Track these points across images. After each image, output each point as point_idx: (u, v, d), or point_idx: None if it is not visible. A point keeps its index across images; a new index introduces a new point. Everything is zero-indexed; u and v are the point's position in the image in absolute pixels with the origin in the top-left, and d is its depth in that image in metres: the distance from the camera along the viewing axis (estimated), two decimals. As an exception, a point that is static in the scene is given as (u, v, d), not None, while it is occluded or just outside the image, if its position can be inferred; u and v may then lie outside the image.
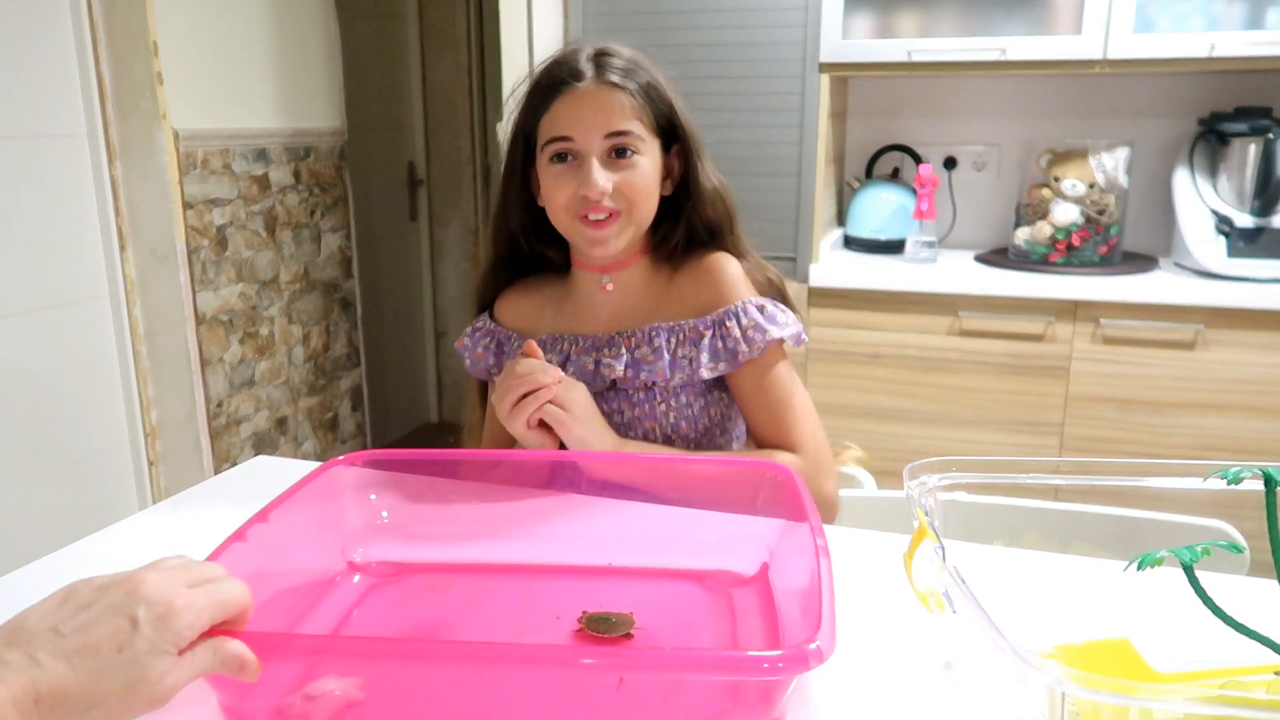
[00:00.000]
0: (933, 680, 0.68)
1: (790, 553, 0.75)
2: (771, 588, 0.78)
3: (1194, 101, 2.28)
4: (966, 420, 2.16)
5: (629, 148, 1.03)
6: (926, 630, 0.74)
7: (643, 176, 1.04)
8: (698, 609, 0.78)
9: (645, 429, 1.10)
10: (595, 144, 1.03)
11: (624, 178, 1.03)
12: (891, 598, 0.80)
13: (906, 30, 2.15)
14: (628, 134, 1.03)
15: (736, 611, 0.77)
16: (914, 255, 2.27)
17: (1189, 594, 0.64)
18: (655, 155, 1.06)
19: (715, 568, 0.82)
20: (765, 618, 0.75)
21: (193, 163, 2.11)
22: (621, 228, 1.05)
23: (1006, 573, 0.84)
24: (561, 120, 1.03)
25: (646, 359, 1.08)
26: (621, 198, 1.04)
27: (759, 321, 1.06)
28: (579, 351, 1.12)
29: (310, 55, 2.49)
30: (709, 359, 1.07)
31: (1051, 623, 0.75)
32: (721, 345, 1.07)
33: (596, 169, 1.02)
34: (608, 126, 1.02)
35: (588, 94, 1.03)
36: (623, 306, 1.13)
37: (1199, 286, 1.97)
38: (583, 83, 1.03)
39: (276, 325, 2.44)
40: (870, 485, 1.18)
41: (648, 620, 0.73)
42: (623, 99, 1.03)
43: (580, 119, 1.03)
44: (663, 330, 1.09)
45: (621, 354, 1.09)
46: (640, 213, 1.06)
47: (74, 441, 2.00)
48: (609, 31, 2.24)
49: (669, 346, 1.08)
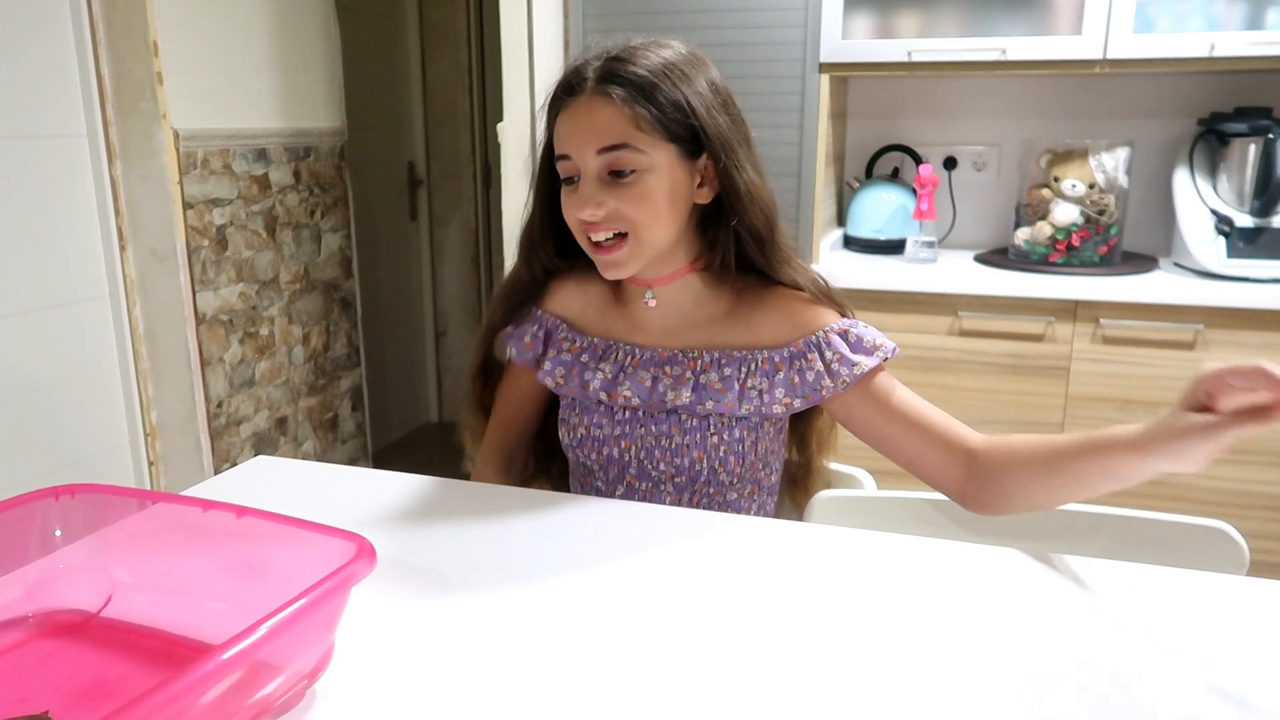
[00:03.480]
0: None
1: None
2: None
3: (1194, 102, 2.28)
4: (966, 420, 2.14)
5: (626, 165, 0.94)
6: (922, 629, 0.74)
7: (644, 195, 0.95)
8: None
9: (692, 458, 1.04)
10: (590, 160, 0.95)
11: (622, 197, 0.95)
12: (890, 598, 0.80)
13: (906, 30, 2.15)
14: (623, 147, 0.94)
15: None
16: (914, 255, 2.27)
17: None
18: (668, 166, 0.96)
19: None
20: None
21: (193, 163, 2.11)
22: (631, 251, 0.97)
23: (1007, 573, 0.84)
24: (563, 136, 0.97)
25: (713, 386, 1.02)
26: (622, 219, 0.95)
27: (844, 354, 1.00)
28: (636, 364, 1.05)
29: (310, 55, 2.49)
30: (784, 393, 1.01)
31: (1051, 623, 0.75)
32: (799, 379, 1.01)
33: (589, 190, 0.95)
34: (599, 141, 0.94)
35: (582, 107, 0.96)
36: (673, 323, 1.05)
37: (1199, 286, 1.97)
38: (581, 94, 0.96)
39: (276, 325, 2.44)
40: (870, 485, 1.18)
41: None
42: (618, 109, 0.94)
43: (575, 134, 0.96)
44: (733, 359, 1.02)
45: (686, 377, 1.03)
46: (649, 234, 0.97)
47: (74, 441, 2.00)
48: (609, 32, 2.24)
49: (739, 376, 1.02)
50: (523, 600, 0.80)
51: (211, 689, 0.54)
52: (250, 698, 0.61)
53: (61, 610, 0.76)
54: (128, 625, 0.75)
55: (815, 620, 0.76)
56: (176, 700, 0.51)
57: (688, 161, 0.98)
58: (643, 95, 0.95)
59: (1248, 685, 0.67)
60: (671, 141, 0.96)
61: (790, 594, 0.81)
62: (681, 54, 1.00)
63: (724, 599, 0.80)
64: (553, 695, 0.66)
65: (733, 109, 1.01)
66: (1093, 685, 0.67)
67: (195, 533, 0.77)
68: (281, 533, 0.72)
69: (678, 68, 0.97)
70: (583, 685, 0.67)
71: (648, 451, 1.06)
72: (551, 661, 0.70)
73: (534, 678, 0.68)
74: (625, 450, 1.07)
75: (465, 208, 3.61)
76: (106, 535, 0.80)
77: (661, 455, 1.05)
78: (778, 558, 0.88)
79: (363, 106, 2.98)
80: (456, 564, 0.86)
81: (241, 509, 0.74)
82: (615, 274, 0.99)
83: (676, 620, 0.76)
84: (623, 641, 0.73)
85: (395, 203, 3.44)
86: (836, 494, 1.10)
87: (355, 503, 1.00)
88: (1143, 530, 1.01)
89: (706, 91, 0.98)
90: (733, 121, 1.00)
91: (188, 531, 0.77)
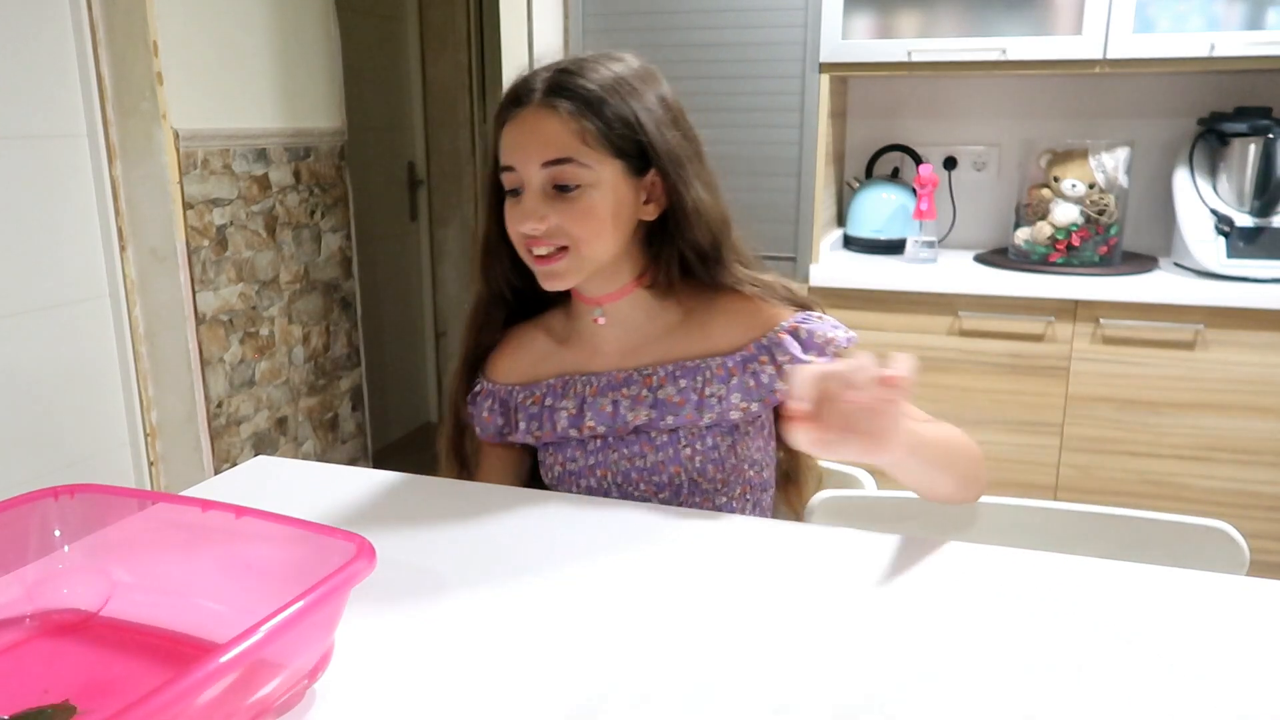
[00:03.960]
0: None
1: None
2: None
3: (1194, 101, 2.28)
4: (966, 420, 2.15)
5: (570, 179, 0.93)
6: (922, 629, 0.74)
7: (587, 211, 0.94)
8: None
9: (670, 474, 1.03)
10: (534, 173, 0.94)
11: (565, 212, 0.94)
12: (889, 598, 0.80)
13: (906, 30, 2.15)
14: (568, 162, 0.93)
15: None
16: (914, 255, 2.27)
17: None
18: (613, 181, 0.95)
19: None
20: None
21: (193, 163, 2.11)
22: (571, 264, 0.96)
23: (1007, 573, 0.84)
24: (507, 148, 0.96)
25: (671, 400, 1.01)
26: (563, 234, 0.95)
27: (795, 354, 0.99)
28: (595, 392, 1.04)
29: (310, 55, 2.49)
30: (740, 398, 1.00)
31: (1051, 623, 0.75)
32: (755, 383, 1.00)
33: (532, 203, 0.94)
34: (542, 155, 0.93)
35: (528, 119, 0.94)
36: (629, 342, 1.05)
37: (1199, 286, 1.97)
38: (528, 106, 0.95)
39: (276, 325, 2.44)
40: (870, 485, 1.18)
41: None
42: (563, 122, 0.93)
43: (519, 147, 0.95)
44: (687, 369, 1.02)
45: (644, 395, 1.02)
46: (591, 249, 0.96)
47: (74, 441, 2.00)
48: (609, 32, 2.24)
49: (695, 386, 1.01)
50: (522, 600, 0.80)
51: (212, 689, 0.54)
52: (250, 697, 0.61)
53: (61, 610, 0.76)
54: (127, 624, 0.75)
55: (814, 620, 0.76)
56: (179, 700, 0.51)
57: (634, 178, 0.97)
58: (590, 109, 0.94)
59: (1248, 685, 0.67)
60: (618, 157, 0.95)
61: (790, 594, 0.81)
62: (633, 68, 0.98)
63: (724, 599, 0.80)
64: (552, 695, 0.66)
65: (684, 124, 1.00)
66: (1092, 685, 0.67)
67: (195, 533, 0.77)
68: (281, 533, 0.72)
69: (627, 82, 0.96)
70: (582, 685, 0.67)
71: (624, 475, 1.05)
72: (551, 661, 0.71)
73: (534, 677, 0.68)
74: (602, 479, 1.06)
75: (465, 208, 3.61)
76: (106, 535, 0.80)
77: (639, 476, 1.04)
78: (777, 558, 0.88)
79: (363, 106, 2.98)
80: (456, 564, 0.86)
81: (241, 509, 0.74)
82: (554, 285, 0.99)
83: (677, 620, 0.76)
84: (622, 641, 0.73)
85: (395, 203, 3.44)
86: (836, 494, 1.10)
87: (355, 503, 1.00)
88: (1142, 530, 1.01)
89: (656, 107, 0.97)
90: (683, 137, 0.99)
91: (187, 531, 0.77)
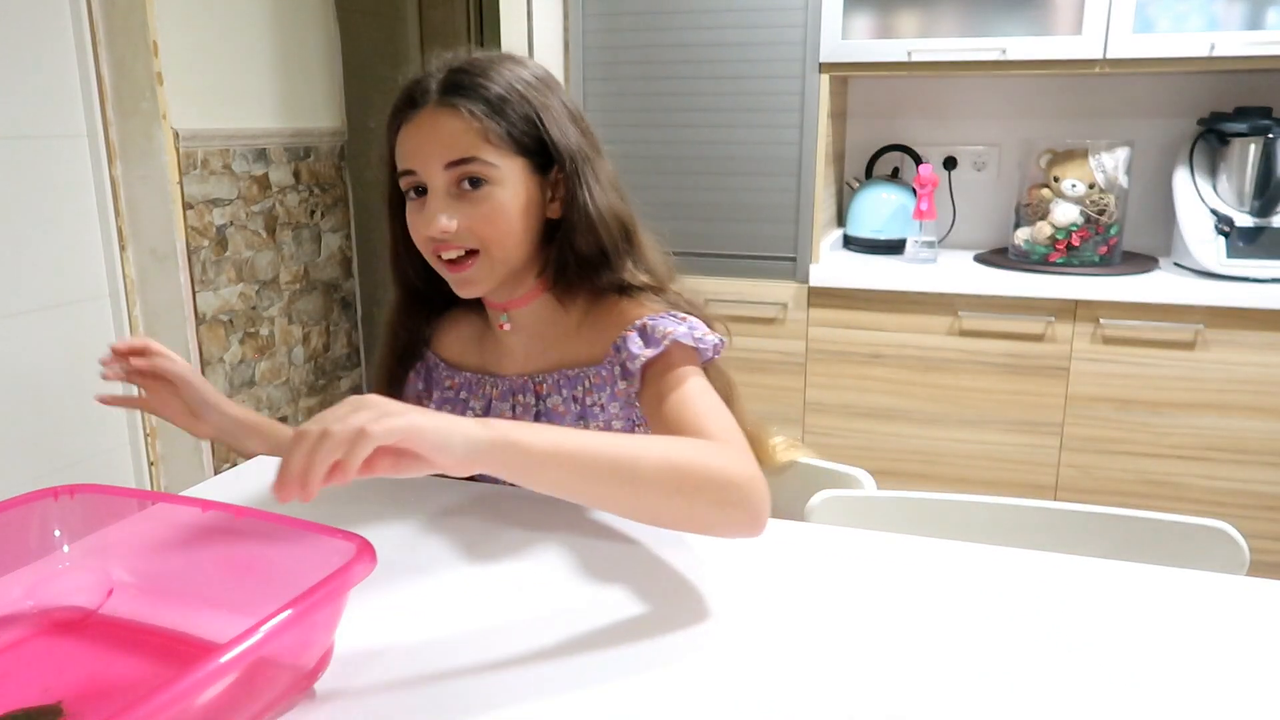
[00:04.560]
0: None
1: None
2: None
3: (1194, 101, 2.28)
4: (966, 420, 2.16)
5: (478, 177, 0.91)
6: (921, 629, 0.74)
7: (495, 210, 0.92)
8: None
9: None
10: (437, 176, 0.91)
11: (472, 213, 0.91)
12: (889, 598, 0.80)
13: (906, 30, 2.15)
14: (471, 161, 0.90)
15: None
16: (914, 255, 2.27)
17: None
18: (519, 180, 0.93)
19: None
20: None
21: (193, 163, 2.11)
22: (481, 268, 0.94)
23: (1006, 573, 0.84)
24: (406, 150, 0.93)
25: (556, 409, 1.01)
26: (472, 236, 0.92)
27: (634, 350, 0.94)
28: (498, 396, 1.04)
29: (310, 55, 2.49)
30: (618, 407, 0.99)
31: (1050, 623, 0.75)
32: (625, 386, 0.97)
33: (437, 206, 0.91)
34: (446, 155, 0.90)
35: (427, 119, 0.91)
36: (533, 348, 1.03)
37: (1199, 286, 1.97)
38: (425, 107, 0.92)
39: (276, 325, 2.44)
40: (870, 485, 1.18)
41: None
42: (465, 122, 0.90)
43: (420, 148, 0.92)
44: (569, 378, 1.00)
45: (532, 404, 1.02)
46: (501, 250, 0.94)
47: (75, 442, 2.00)
48: (608, 31, 2.25)
49: (577, 396, 1.00)
50: (522, 600, 0.80)
51: (212, 689, 0.54)
52: (250, 697, 0.61)
53: (61, 608, 0.76)
54: (127, 623, 0.75)
55: (814, 620, 0.76)
56: (179, 700, 0.51)
57: (538, 175, 0.95)
58: (490, 107, 0.91)
59: (1248, 685, 0.67)
60: (521, 155, 0.93)
61: (789, 594, 0.81)
62: (530, 69, 0.97)
63: (723, 598, 0.80)
64: (552, 695, 0.66)
65: (583, 124, 0.98)
66: (1092, 686, 0.67)
67: (195, 533, 0.77)
68: (281, 533, 0.72)
69: (525, 81, 0.94)
70: (582, 685, 0.67)
71: None
72: (551, 661, 0.70)
73: (533, 677, 0.68)
74: (507, 484, 1.05)
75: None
76: (106, 535, 0.80)
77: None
78: (776, 557, 0.88)
79: (363, 107, 2.97)
80: (456, 564, 0.86)
81: (241, 509, 0.74)
82: (469, 292, 0.96)
83: (675, 619, 0.76)
84: (622, 640, 0.73)
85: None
86: (836, 494, 1.10)
87: (355, 503, 1.00)
88: (1142, 530, 1.01)
89: (556, 106, 0.95)
90: (582, 135, 0.97)
91: (188, 531, 0.77)
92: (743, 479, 0.77)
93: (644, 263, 1.00)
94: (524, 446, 0.68)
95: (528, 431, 0.70)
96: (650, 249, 1.01)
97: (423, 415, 0.64)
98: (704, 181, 2.27)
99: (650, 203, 2.70)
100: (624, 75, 2.27)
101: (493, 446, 0.67)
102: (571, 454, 0.71)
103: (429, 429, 0.64)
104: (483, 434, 0.66)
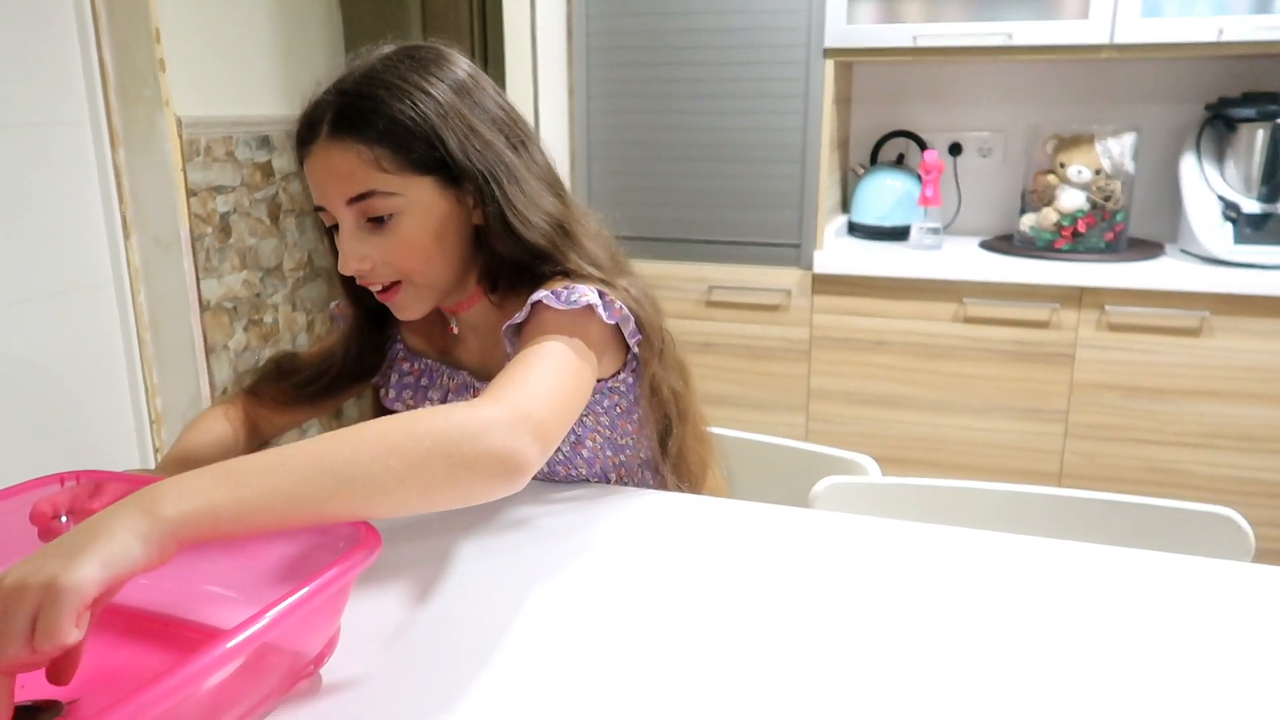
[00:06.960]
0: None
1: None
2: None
3: (1201, 87, 2.27)
4: (971, 407, 2.15)
5: (379, 211, 0.87)
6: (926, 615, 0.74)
7: (405, 242, 0.88)
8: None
9: (561, 477, 1.03)
10: (343, 212, 0.88)
11: (385, 246, 0.88)
12: (893, 585, 0.80)
13: (912, 15, 2.14)
14: (370, 195, 0.86)
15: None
16: (919, 242, 2.26)
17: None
18: (428, 201, 0.88)
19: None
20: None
21: (196, 150, 2.11)
22: (408, 295, 0.92)
23: (1011, 559, 0.84)
24: (312, 186, 0.90)
25: None
26: (390, 269, 0.90)
27: (513, 321, 0.91)
28: (454, 389, 1.04)
29: (313, 42, 2.48)
30: None
31: (1055, 610, 0.75)
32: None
33: (348, 246, 0.88)
34: (345, 192, 0.87)
35: (320, 156, 0.88)
36: (485, 343, 1.03)
37: (1205, 273, 1.96)
38: (317, 143, 0.88)
39: (280, 312, 2.44)
40: (874, 471, 1.18)
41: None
42: (357, 154, 0.86)
43: (322, 186, 0.89)
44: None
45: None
46: (423, 276, 0.91)
47: (79, 429, 2.00)
48: (612, 16, 2.23)
49: None
50: (524, 588, 0.80)
51: (218, 674, 0.55)
52: (256, 684, 0.61)
53: None
54: (133, 610, 0.75)
55: (818, 607, 0.76)
56: (185, 686, 0.51)
57: (452, 188, 0.89)
58: (382, 135, 0.86)
59: (1253, 672, 0.67)
60: (425, 174, 0.88)
61: (794, 580, 0.81)
62: (433, 73, 0.90)
63: (728, 585, 0.80)
64: (555, 682, 0.66)
65: (504, 121, 0.92)
66: (1097, 672, 0.67)
67: None
68: (286, 519, 0.72)
69: (425, 93, 0.87)
70: (585, 674, 0.68)
71: None
72: (553, 648, 0.71)
73: (536, 664, 0.69)
74: None
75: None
76: None
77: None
78: (781, 544, 0.88)
79: (366, 93, 2.96)
80: (461, 550, 0.86)
81: None
82: (406, 315, 0.95)
83: (680, 608, 0.76)
84: (625, 630, 0.73)
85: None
86: (840, 480, 1.10)
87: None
88: (1148, 517, 1.01)
89: (464, 115, 0.89)
90: (503, 133, 0.91)
91: None
92: (475, 428, 0.68)
93: (585, 255, 0.94)
94: (213, 503, 0.60)
95: (204, 481, 0.61)
96: (591, 239, 0.96)
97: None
98: (708, 168, 2.26)
99: (654, 189, 2.69)
100: (627, 61, 2.26)
101: (185, 520, 0.58)
102: (268, 480, 0.62)
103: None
104: (159, 515, 0.58)
